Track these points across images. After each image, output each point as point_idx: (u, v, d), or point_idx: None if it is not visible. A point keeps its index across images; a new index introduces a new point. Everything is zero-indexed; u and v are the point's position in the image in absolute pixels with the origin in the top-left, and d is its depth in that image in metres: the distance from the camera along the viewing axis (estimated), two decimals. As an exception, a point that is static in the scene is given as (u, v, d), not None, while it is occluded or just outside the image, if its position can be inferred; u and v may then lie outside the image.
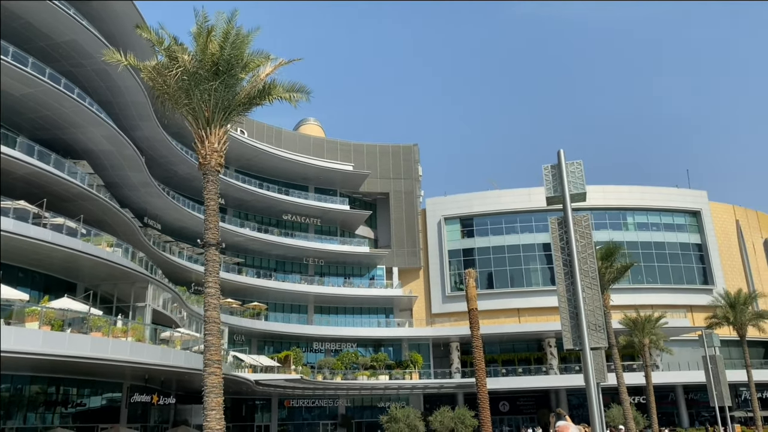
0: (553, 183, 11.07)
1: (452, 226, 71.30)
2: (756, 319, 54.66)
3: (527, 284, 67.13)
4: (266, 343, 60.14)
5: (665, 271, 68.75)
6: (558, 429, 5.14)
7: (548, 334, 60.90)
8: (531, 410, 62.94)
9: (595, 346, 9.96)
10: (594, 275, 10.24)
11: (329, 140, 70.78)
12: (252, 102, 17.32)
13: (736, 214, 77.86)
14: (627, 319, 48.06)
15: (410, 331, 65.01)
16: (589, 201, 70.26)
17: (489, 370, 56.89)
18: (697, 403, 62.06)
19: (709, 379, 25.69)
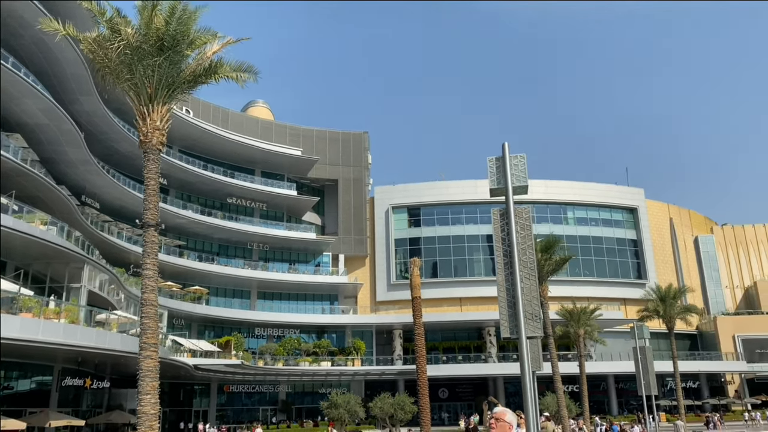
0: (497, 175, 11.26)
1: (400, 215, 71.69)
2: (684, 313, 57.31)
3: (470, 274, 68.31)
4: (207, 327, 59.17)
5: (602, 265, 71.20)
6: (496, 414, 5.22)
7: (488, 323, 62.22)
8: (469, 397, 64.29)
9: (531, 335, 10.21)
10: (532, 266, 10.49)
11: (278, 124, 69.81)
12: (197, 80, 16.85)
13: (671, 212, 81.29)
14: (564, 310, 49.53)
15: (354, 318, 65.24)
16: (532, 195, 72.43)
17: (430, 358, 57.74)
18: (626, 392, 64.75)
19: (638, 369, 26.80)
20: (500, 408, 5.29)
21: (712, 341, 72.22)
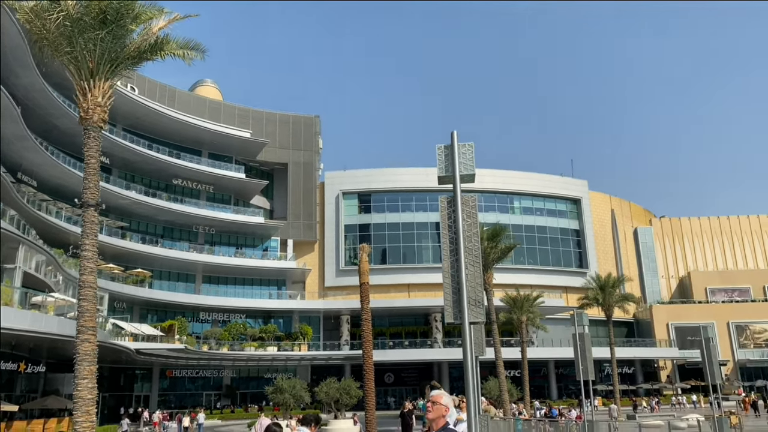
0: (445, 163, 11.32)
1: (350, 201, 71.58)
2: (622, 302, 59.56)
3: (419, 261, 68.96)
4: (150, 311, 57.87)
5: (545, 254, 73.06)
6: (433, 397, 5.28)
7: (435, 309, 63.08)
8: (415, 382, 65.17)
9: (474, 321, 10.37)
10: (477, 253, 10.63)
11: (227, 104, 68.39)
12: (142, 56, 16.27)
13: (612, 204, 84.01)
14: (508, 297, 50.65)
15: (302, 304, 65.01)
16: (481, 184, 73.34)
17: (377, 343, 58.14)
18: (565, 378, 66.92)
19: (577, 355, 27.68)
20: (437, 391, 5.36)
21: (647, 329, 75.32)
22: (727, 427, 31.54)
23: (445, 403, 5.14)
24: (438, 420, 5.09)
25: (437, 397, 5.17)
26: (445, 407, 5.12)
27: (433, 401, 5.14)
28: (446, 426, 5.10)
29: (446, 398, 5.20)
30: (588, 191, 78.56)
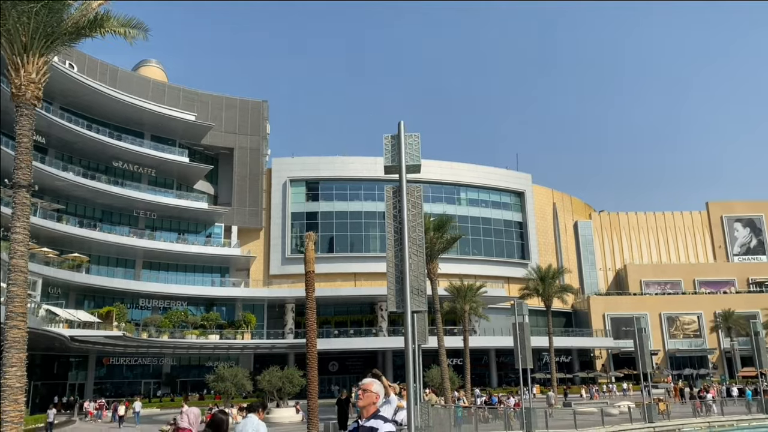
0: (392, 153, 11.37)
1: (297, 189, 70.91)
2: (561, 292, 61.41)
3: (366, 250, 69.07)
4: (87, 297, 55.94)
5: (489, 245, 74.44)
6: (363, 385, 5.30)
7: (381, 298, 63.38)
8: (359, 370, 65.37)
9: (416, 310, 10.49)
10: (421, 243, 10.73)
11: (171, 86, 66.45)
12: (80, 33, 15.58)
13: (554, 197, 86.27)
14: (452, 286, 51.41)
15: (246, 292, 64.16)
16: (430, 175, 73.97)
17: (322, 332, 58.07)
18: (505, 366, 68.56)
19: (516, 344, 28.42)
20: (367, 379, 5.38)
21: (584, 319, 77.93)
22: (656, 414, 33.09)
23: (375, 390, 5.18)
24: (368, 407, 5.12)
25: (368, 384, 5.20)
26: (375, 394, 5.16)
27: (364, 389, 5.17)
28: (377, 413, 5.13)
29: (377, 386, 5.23)
30: (531, 185, 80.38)
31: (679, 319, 78.58)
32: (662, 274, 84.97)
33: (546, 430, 28.22)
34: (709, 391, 44.93)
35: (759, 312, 72.12)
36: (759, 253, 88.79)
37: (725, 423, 35.85)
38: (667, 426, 33.15)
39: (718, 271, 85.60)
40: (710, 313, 76.62)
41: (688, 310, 78.84)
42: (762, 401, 38.47)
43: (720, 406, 38.21)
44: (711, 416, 36.62)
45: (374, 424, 5.04)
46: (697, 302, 79.51)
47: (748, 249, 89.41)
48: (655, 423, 32.39)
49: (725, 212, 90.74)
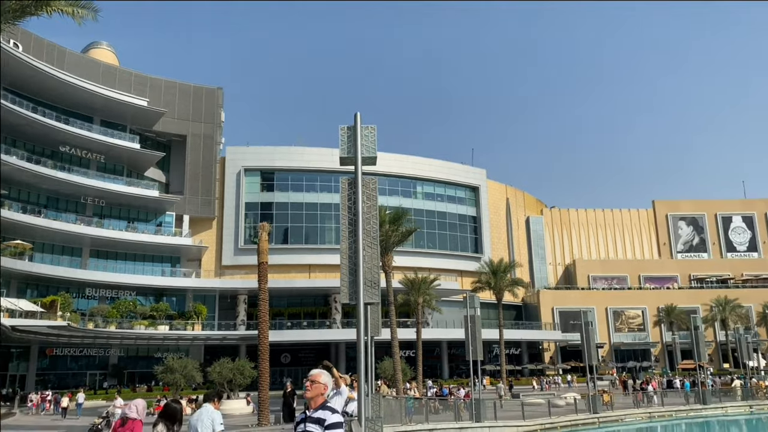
0: (348, 144, 11.34)
1: (252, 178, 69.94)
2: (512, 286, 62.53)
3: (321, 242, 68.75)
4: (30, 286, 53.96)
5: (444, 239, 75.17)
6: (311, 377, 5.30)
7: (335, 290, 63.18)
8: (312, 362, 65.19)
9: (369, 302, 10.53)
10: (375, 235, 10.75)
11: (123, 69, 64.49)
12: (25, 11, 14.96)
13: (508, 193, 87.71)
14: (406, 279, 51.76)
15: (197, 282, 63.07)
16: (387, 168, 73.91)
17: (275, 323, 57.69)
18: (457, 357, 69.50)
19: (467, 336, 28.85)
20: (316, 370, 5.40)
21: (534, 312, 79.63)
22: (600, 404, 34.13)
23: (323, 381, 5.21)
24: (317, 398, 5.15)
25: (315, 376, 5.23)
26: (323, 385, 5.19)
27: (312, 380, 5.19)
28: (325, 404, 5.15)
29: (325, 377, 5.27)
30: (486, 180, 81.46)
31: (624, 314, 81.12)
32: (609, 269, 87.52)
33: (495, 420, 28.76)
34: (651, 383, 46.57)
35: (699, 307, 75.16)
36: (701, 251, 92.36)
37: (665, 413, 37.28)
38: (611, 416, 34.25)
39: (662, 268, 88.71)
40: (654, 307, 79.45)
41: (633, 304, 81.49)
42: (699, 392, 40.13)
43: (660, 398, 39.67)
44: (652, 407, 38.02)
45: (322, 415, 5.05)
46: (641, 297, 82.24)
47: (690, 246, 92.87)
48: (599, 413, 33.42)
49: (670, 211, 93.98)
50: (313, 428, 5.01)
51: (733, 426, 37.32)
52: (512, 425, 29.22)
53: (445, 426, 26.77)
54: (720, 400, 40.86)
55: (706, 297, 77.93)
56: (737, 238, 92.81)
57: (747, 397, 42.82)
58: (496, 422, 28.64)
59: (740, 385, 45.15)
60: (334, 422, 4.99)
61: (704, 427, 36.26)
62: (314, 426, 5.02)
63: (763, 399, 43.20)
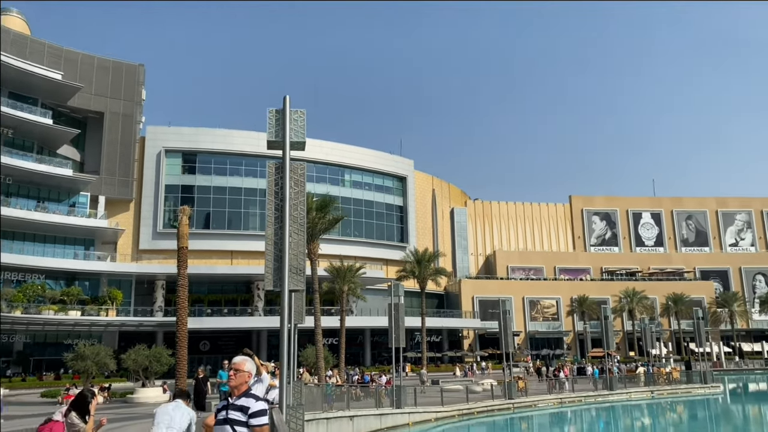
0: (276, 128, 11.10)
1: (173, 160, 67.55)
2: (435, 275, 63.70)
3: (244, 228, 67.44)
4: (-77, 267, 50.02)
5: (370, 227, 75.53)
6: (235, 365, 5.21)
7: (258, 277, 62.30)
8: (232, 350, 63.98)
9: (294, 289, 10.40)
10: (302, 222, 10.62)
11: (35, 40, 60.54)
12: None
13: (434, 184, 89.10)
14: (332, 267, 51.66)
15: (112, 266, 60.45)
16: (315, 154, 73.26)
17: (194, 310, 56.23)
18: (379, 345, 70.20)
19: (391, 324, 29.18)
20: (239, 358, 5.33)
21: (456, 301, 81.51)
22: (515, 391, 35.43)
23: (248, 369, 5.18)
24: (240, 386, 5.11)
25: (240, 364, 5.17)
26: (248, 373, 5.16)
27: (236, 369, 5.13)
28: (248, 391, 5.11)
29: (249, 364, 5.23)
30: (413, 170, 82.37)
31: (539, 303, 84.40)
32: (527, 260, 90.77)
33: (415, 407, 29.30)
34: (563, 370, 48.77)
35: (609, 298, 79.31)
36: (612, 245, 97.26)
37: (575, 399, 39.21)
38: (525, 402, 35.66)
39: (576, 260, 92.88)
40: (567, 298, 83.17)
41: (548, 294, 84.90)
42: (607, 379, 42.42)
43: (571, 384, 41.66)
44: (563, 393, 39.89)
45: (245, 403, 4.98)
46: (556, 288, 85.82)
47: (603, 240, 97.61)
48: (514, 399, 34.71)
49: (585, 206, 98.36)
50: (236, 415, 4.94)
51: (635, 410, 39.68)
52: (432, 411, 29.88)
53: (366, 413, 27.01)
54: (625, 386, 43.38)
55: (616, 288, 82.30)
56: (646, 233, 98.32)
57: (649, 383, 45.71)
58: (416, 408, 29.19)
59: (644, 372, 48.09)
60: (259, 410, 4.93)
61: (610, 412, 38.39)
62: (237, 413, 4.95)
63: (664, 385, 46.25)
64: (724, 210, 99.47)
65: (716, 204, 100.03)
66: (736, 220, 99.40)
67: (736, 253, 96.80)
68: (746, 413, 41.33)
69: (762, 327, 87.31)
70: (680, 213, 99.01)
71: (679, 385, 46.62)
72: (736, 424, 35.52)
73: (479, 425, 31.02)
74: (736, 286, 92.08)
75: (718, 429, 33.55)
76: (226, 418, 4.98)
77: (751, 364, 75.35)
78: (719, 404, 44.02)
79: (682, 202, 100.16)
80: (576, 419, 36.41)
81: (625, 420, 36.52)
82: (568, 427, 34.13)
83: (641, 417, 38.14)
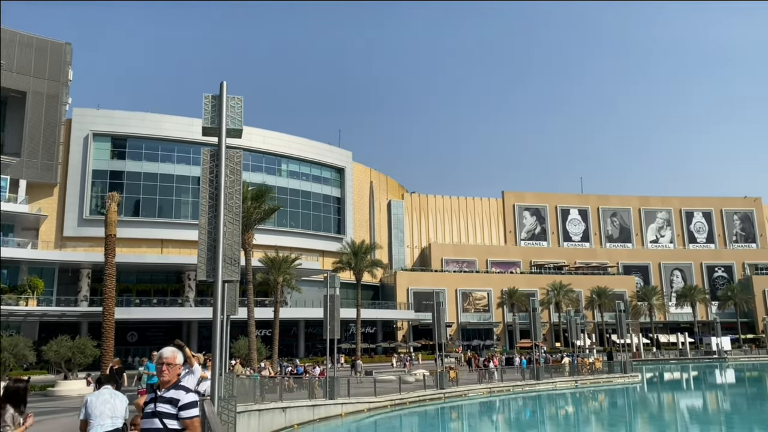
0: (212, 114, 10.88)
1: (101, 144, 64.81)
2: (371, 267, 64.04)
3: (176, 216, 65.59)
4: None
5: (307, 218, 75.01)
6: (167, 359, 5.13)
7: (190, 267, 60.77)
8: (161, 341, 62.27)
9: (227, 279, 10.24)
10: (237, 211, 10.47)
11: (-50, 11, 56.52)
12: None
13: (372, 176, 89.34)
14: (267, 258, 51.04)
15: (33, 254, 57.44)
16: (250, 142, 72.03)
17: (122, 300, 54.37)
18: (314, 336, 69.97)
19: (326, 315, 29.16)
20: (169, 351, 5.23)
21: (391, 292, 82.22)
22: (447, 380, 36.17)
23: (179, 362, 5.13)
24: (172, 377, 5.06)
25: (171, 358, 5.09)
26: (179, 366, 5.11)
27: (168, 363, 5.05)
28: (177, 383, 5.05)
29: (180, 357, 5.16)
30: (352, 162, 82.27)
31: (472, 295, 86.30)
32: (461, 253, 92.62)
33: (348, 397, 29.45)
34: (493, 360, 50.14)
35: (537, 291, 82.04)
36: (541, 239, 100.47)
37: (504, 388, 40.42)
38: (456, 392, 36.48)
39: (507, 253, 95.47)
40: (498, 290, 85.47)
41: (480, 287, 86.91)
42: (534, 369, 43.90)
43: (500, 374, 42.90)
44: (493, 383, 41.04)
45: (175, 395, 4.90)
46: (488, 280, 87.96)
47: (533, 235, 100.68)
48: (446, 389, 35.45)
49: (517, 201, 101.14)
50: (166, 408, 4.85)
51: (560, 399, 41.29)
52: (365, 401, 30.12)
53: (299, 404, 26.95)
54: (551, 375, 45.07)
55: (544, 282, 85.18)
56: (573, 229, 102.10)
57: (573, 372, 47.64)
58: (348, 399, 29.35)
59: (568, 362, 50.07)
60: (189, 402, 4.87)
61: (536, 401, 39.79)
62: (166, 406, 4.86)
63: (587, 374, 48.31)
64: (647, 208, 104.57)
65: (639, 202, 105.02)
66: (657, 218, 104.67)
67: (656, 250, 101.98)
68: (661, 401, 43.78)
69: (678, 320, 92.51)
70: (605, 210, 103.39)
71: (601, 375, 48.82)
72: (651, 411, 37.57)
73: (411, 415, 31.50)
74: (656, 281, 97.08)
75: (635, 416, 35.39)
76: (155, 411, 4.88)
77: (667, 355, 79.74)
78: (637, 393, 46.40)
79: (608, 200, 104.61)
80: (504, 408, 37.55)
81: (550, 409, 37.94)
82: (496, 416, 35.15)
83: (565, 406, 39.73)
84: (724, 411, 37.91)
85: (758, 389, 52.29)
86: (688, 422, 33.45)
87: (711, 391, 50.97)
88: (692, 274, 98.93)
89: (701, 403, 42.35)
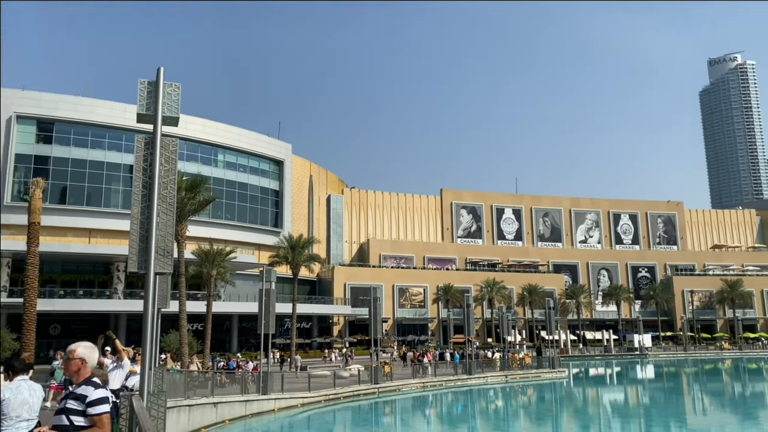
0: (148, 100, 10.52)
1: (26, 127, 61.60)
2: (309, 261, 63.54)
3: (105, 205, 63.17)
4: None
5: (243, 211, 73.74)
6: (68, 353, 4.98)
7: (119, 258, 58.66)
8: (87, 334, 59.66)
9: (160, 272, 9.95)
10: (172, 201, 10.18)
11: None
12: None
13: (312, 170, 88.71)
14: (200, 250, 49.85)
15: (-53, 240, 54.07)
16: (186, 131, 70.17)
17: (45, 291, 51.96)
18: (247, 331, 68.97)
19: (261, 310, 28.80)
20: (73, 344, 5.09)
21: (328, 287, 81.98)
22: (381, 375, 36.42)
23: (79, 355, 4.97)
24: (79, 373, 4.91)
25: (72, 351, 4.96)
26: (80, 360, 4.95)
27: (69, 357, 4.92)
28: (89, 379, 4.91)
29: (81, 349, 5.01)
30: (291, 155, 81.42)
31: (408, 291, 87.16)
32: (399, 249, 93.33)
33: (281, 393, 29.20)
34: (427, 355, 50.85)
35: (472, 287, 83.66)
36: (477, 237, 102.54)
37: (437, 383, 41.04)
38: (390, 386, 36.79)
39: (444, 250, 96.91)
40: (434, 286, 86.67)
41: (416, 282, 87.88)
42: (466, 364, 44.79)
43: (434, 369, 43.55)
44: (426, 377, 41.60)
45: (84, 391, 4.79)
46: (424, 276, 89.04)
47: (469, 233, 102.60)
48: (380, 384, 35.68)
49: (455, 199, 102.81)
50: (73, 405, 4.73)
51: (491, 393, 42.33)
52: (298, 397, 29.96)
53: (231, 399, 26.53)
54: (483, 370, 46.14)
55: (478, 278, 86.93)
56: (507, 227, 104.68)
57: (504, 368, 48.92)
58: (282, 394, 29.12)
59: (499, 357, 51.37)
60: (97, 398, 4.75)
61: (468, 395, 40.64)
62: (75, 403, 4.74)
63: (517, 369, 49.69)
64: (577, 209, 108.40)
65: (570, 203, 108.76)
66: (586, 219, 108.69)
67: (584, 250, 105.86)
68: (585, 395, 45.58)
69: (603, 317, 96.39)
70: (538, 210, 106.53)
71: (530, 370, 50.33)
72: (576, 405, 39.05)
73: (344, 410, 31.56)
74: (584, 280, 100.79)
75: (561, 409, 36.69)
76: (63, 408, 4.77)
77: (593, 351, 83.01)
78: (564, 387, 48.11)
79: (540, 201, 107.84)
80: (436, 402, 38.15)
81: (481, 403, 38.85)
82: (428, 410, 35.67)
83: (496, 400, 40.77)
84: (643, 405, 39.84)
85: (674, 384, 55.21)
86: (611, 415, 34.98)
87: (632, 386, 53.45)
88: (618, 274, 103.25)
89: (623, 397, 44.35)
